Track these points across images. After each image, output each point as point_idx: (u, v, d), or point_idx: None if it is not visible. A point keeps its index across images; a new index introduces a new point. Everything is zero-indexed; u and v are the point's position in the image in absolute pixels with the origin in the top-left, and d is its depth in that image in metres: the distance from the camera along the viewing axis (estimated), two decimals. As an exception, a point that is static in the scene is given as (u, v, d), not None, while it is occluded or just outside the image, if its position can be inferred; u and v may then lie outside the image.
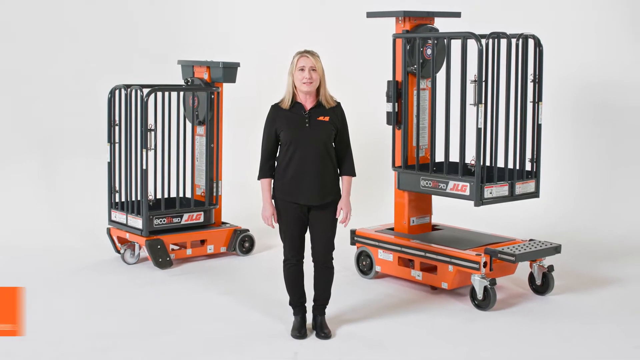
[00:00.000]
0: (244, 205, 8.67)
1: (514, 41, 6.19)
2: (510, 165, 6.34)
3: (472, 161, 6.12)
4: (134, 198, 7.29)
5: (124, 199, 7.40)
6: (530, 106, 6.38)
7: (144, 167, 7.12)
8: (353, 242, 6.93)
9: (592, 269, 7.13)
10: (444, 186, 6.30)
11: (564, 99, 8.95)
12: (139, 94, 7.11)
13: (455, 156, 6.54)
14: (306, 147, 5.28)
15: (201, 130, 7.56)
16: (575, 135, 9.05)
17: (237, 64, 7.55)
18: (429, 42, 6.46)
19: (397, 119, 6.64)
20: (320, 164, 5.30)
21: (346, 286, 6.55)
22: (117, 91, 7.34)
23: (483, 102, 5.99)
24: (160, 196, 7.49)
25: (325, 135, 5.32)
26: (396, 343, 5.38)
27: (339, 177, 5.46)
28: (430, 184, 6.41)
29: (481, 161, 6.05)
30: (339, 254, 5.99)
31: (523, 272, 6.67)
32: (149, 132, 7.07)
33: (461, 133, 6.15)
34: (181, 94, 7.58)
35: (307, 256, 5.47)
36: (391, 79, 6.64)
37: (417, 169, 6.53)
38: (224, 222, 7.77)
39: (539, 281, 6.37)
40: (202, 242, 7.50)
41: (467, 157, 6.22)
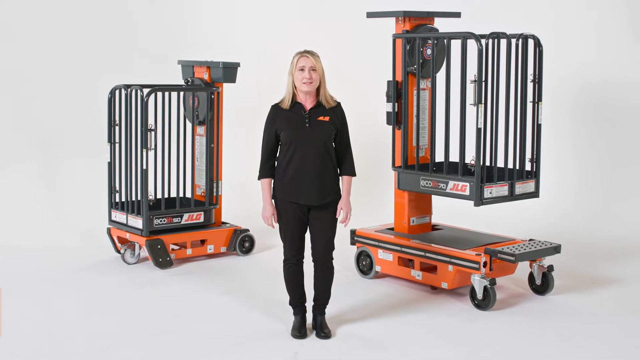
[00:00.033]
0: (244, 205, 8.67)
1: (514, 41, 6.19)
2: (510, 165, 6.34)
3: (472, 161, 6.12)
4: (134, 198, 7.30)
5: (124, 198, 7.40)
6: (530, 106, 6.38)
7: (144, 167, 7.12)
8: (353, 242, 6.93)
9: (592, 269, 7.13)
10: (443, 186, 6.30)
11: (563, 99, 8.95)
12: (139, 94, 7.11)
13: (455, 156, 6.54)
14: (306, 147, 5.28)
15: (201, 130, 7.56)
16: (575, 135, 9.05)
17: (237, 64, 7.55)
18: (429, 42, 6.46)
19: (397, 119, 6.64)
20: (320, 164, 5.30)
21: (346, 286, 6.55)
22: (118, 91, 7.34)
23: (483, 102, 5.99)
24: (160, 196, 7.49)
25: (325, 135, 5.32)
26: (396, 343, 5.38)
27: (339, 177, 5.46)
28: (430, 183, 6.41)
29: (481, 161, 6.05)
30: (339, 254, 5.99)
31: (523, 272, 6.68)
32: (149, 132, 7.07)
33: (461, 133, 6.15)
34: (181, 94, 7.59)
35: (307, 256, 5.47)
36: (391, 79, 6.64)
37: (417, 169, 6.53)
38: (224, 222, 7.77)
39: (538, 281, 6.37)
40: (202, 242, 7.50)
41: (467, 157, 6.22)
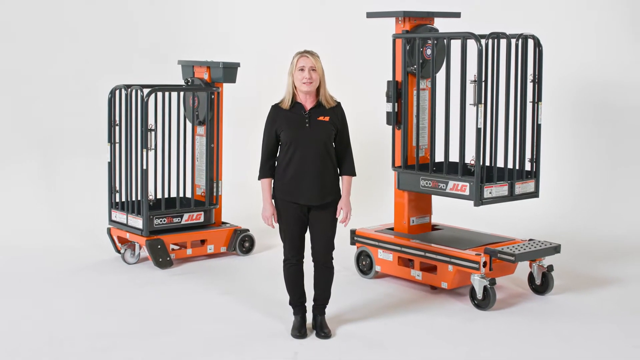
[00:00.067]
0: (244, 205, 8.68)
1: (514, 41, 6.19)
2: (510, 165, 6.35)
3: (472, 161, 6.12)
4: (134, 198, 7.30)
5: (124, 198, 7.41)
6: (530, 106, 6.39)
7: (144, 167, 7.12)
8: (353, 242, 6.93)
9: (591, 269, 7.13)
10: (443, 186, 6.30)
11: (563, 99, 8.96)
12: (139, 94, 7.12)
13: (455, 156, 6.55)
14: (306, 147, 5.28)
15: (201, 130, 7.57)
16: (575, 136, 9.06)
17: (237, 64, 7.55)
18: (429, 42, 6.47)
19: (397, 119, 6.64)
20: (320, 164, 5.31)
21: (346, 286, 6.55)
22: (118, 91, 7.34)
23: (483, 102, 6.00)
24: (160, 196, 7.50)
25: (325, 135, 5.32)
26: (396, 343, 5.38)
27: (339, 177, 5.47)
28: (430, 183, 6.41)
29: (481, 161, 6.05)
30: (339, 253, 6.00)
31: (523, 272, 6.68)
32: (149, 132, 7.07)
33: (461, 133, 6.15)
34: (181, 94, 7.59)
35: (307, 256, 5.48)
36: (391, 79, 6.65)
37: (417, 169, 6.53)
38: (224, 222, 7.77)
39: (538, 281, 6.37)
40: (202, 242, 7.50)
41: (467, 157, 6.22)
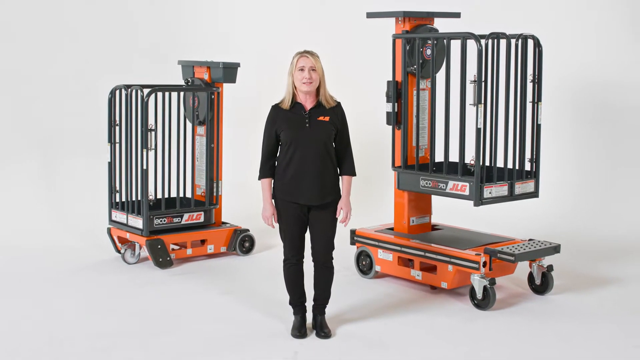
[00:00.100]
0: (244, 205, 8.68)
1: (514, 41, 6.19)
2: (510, 165, 6.35)
3: (472, 161, 6.13)
4: (134, 198, 7.30)
5: (124, 198, 7.41)
6: (530, 106, 6.39)
7: (144, 167, 7.13)
8: (353, 242, 6.94)
9: (591, 269, 7.14)
10: (443, 186, 6.31)
11: (563, 99, 8.96)
12: (140, 94, 7.12)
13: (454, 156, 6.55)
14: (306, 147, 5.29)
15: (201, 130, 7.57)
16: (575, 135, 9.06)
17: (237, 64, 7.56)
18: (429, 42, 6.47)
19: (397, 119, 6.65)
20: (320, 164, 5.31)
21: (346, 286, 6.56)
22: (118, 91, 7.35)
23: (482, 102, 6.00)
24: (160, 196, 7.51)
25: (325, 135, 5.32)
26: (396, 342, 5.38)
27: (339, 176, 5.47)
28: (429, 183, 6.42)
29: (481, 161, 6.06)
30: (339, 253, 6.00)
31: (522, 272, 6.69)
32: (149, 132, 7.08)
33: (461, 133, 6.16)
34: (181, 94, 7.60)
35: (307, 256, 5.48)
36: (391, 79, 6.65)
37: (417, 169, 6.53)
38: (224, 222, 7.77)
39: (538, 281, 6.37)
40: (203, 242, 7.51)
41: (467, 157, 6.22)
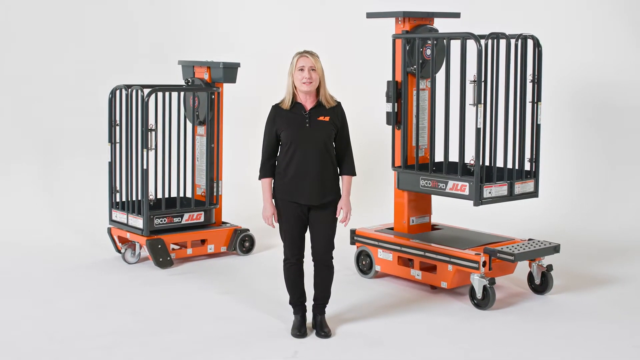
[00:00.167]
0: (244, 205, 8.69)
1: (513, 41, 6.20)
2: (510, 165, 6.36)
3: (472, 161, 6.13)
4: (134, 198, 7.31)
5: (124, 198, 7.43)
6: (529, 106, 6.40)
7: (144, 167, 7.13)
8: (353, 242, 6.94)
9: (591, 269, 7.14)
10: (443, 186, 6.32)
11: (563, 99, 8.97)
12: (140, 94, 7.13)
13: (454, 156, 6.56)
14: (306, 147, 5.30)
15: (201, 130, 7.58)
16: (574, 135, 9.07)
17: (238, 64, 7.56)
18: (429, 42, 6.48)
19: (397, 119, 6.66)
20: (321, 163, 5.32)
21: (346, 285, 6.57)
22: (118, 91, 7.36)
23: (482, 102, 6.01)
24: (160, 196, 7.52)
25: (325, 135, 5.33)
26: (396, 342, 5.39)
27: (339, 176, 5.48)
28: (429, 183, 6.42)
29: (480, 161, 6.07)
30: (339, 253, 6.01)
31: (522, 272, 6.69)
32: (149, 132, 7.09)
33: (460, 133, 6.17)
34: (182, 94, 7.60)
35: (307, 255, 5.49)
36: (391, 79, 6.66)
37: (417, 168, 6.54)
38: (224, 222, 7.78)
39: (538, 280, 6.38)
40: (203, 241, 7.52)
41: (467, 157, 6.23)
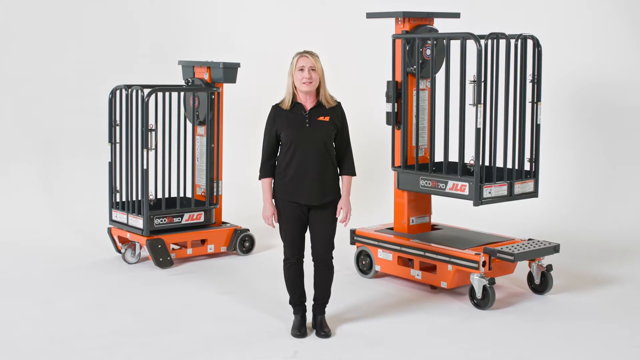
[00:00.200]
0: (244, 205, 8.69)
1: (513, 42, 6.21)
2: (509, 165, 6.36)
3: (471, 161, 6.14)
4: (134, 198, 7.32)
5: (124, 198, 7.43)
6: (529, 106, 6.40)
7: (144, 167, 7.14)
8: (353, 242, 6.95)
9: (590, 269, 7.15)
10: (443, 186, 6.32)
11: (562, 99, 8.98)
12: (140, 94, 7.14)
13: (454, 156, 6.56)
14: (306, 147, 5.30)
15: (201, 130, 7.58)
16: (574, 135, 9.07)
17: (238, 65, 7.57)
18: (429, 42, 6.48)
19: (397, 119, 6.66)
20: (321, 163, 5.32)
21: (346, 285, 6.57)
22: (118, 91, 7.36)
23: (482, 102, 6.02)
24: (160, 196, 7.52)
25: (325, 135, 5.34)
26: (396, 342, 5.40)
27: (339, 176, 5.49)
28: (429, 183, 6.43)
29: (480, 161, 6.07)
30: (339, 253, 6.01)
31: (522, 272, 6.70)
32: (149, 132, 7.09)
33: (460, 133, 6.17)
34: (182, 94, 7.61)
35: (307, 255, 5.50)
36: (391, 79, 6.66)
37: (417, 168, 6.55)
38: (224, 222, 7.79)
39: (537, 280, 6.39)
40: (203, 241, 7.52)
41: (466, 157, 6.24)
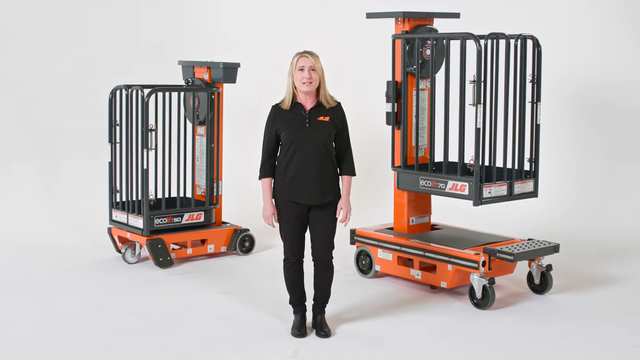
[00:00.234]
0: (244, 205, 8.70)
1: (513, 42, 6.21)
2: (509, 165, 6.37)
3: (471, 161, 6.14)
4: (134, 198, 7.32)
5: (124, 198, 7.43)
6: (529, 106, 6.41)
7: (144, 167, 7.14)
8: (353, 242, 6.95)
9: (590, 268, 7.15)
10: (443, 186, 6.33)
11: (562, 99, 8.98)
12: (140, 94, 7.14)
13: (454, 156, 6.57)
14: (306, 147, 5.30)
15: (201, 130, 7.59)
16: (574, 135, 9.08)
17: (238, 65, 7.57)
18: (428, 42, 6.49)
19: (397, 119, 6.66)
20: (320, 163, 5.33)
21: (346, 285, 6.57)
22: (118, 91, 7.36)
23: (482, 102, 6.02)
24: (160, 196, 7.52)
25: (325, 135, 5.34)
26: (396, 341, 5.40)
27: (339, 176, 5.49)
28: (429, 183, 6.43)
29: (480, 161, 6.08)
30: (339, 253, 6.02)
31: (522, 272, 6.70)
32: (149, 132, 7.10)
33: (460, 133, 6.18)
34: (182, 94, 7.61)
35: (307, 255, 5.50)
36: (391, 79, 6.67)
37: (417, 168, 6.55)
38: (224, 222, 7.79)
39: (537, 280, 6.39)
40: (203, 241, 7.52)
41: (466, 157, 6.24)
